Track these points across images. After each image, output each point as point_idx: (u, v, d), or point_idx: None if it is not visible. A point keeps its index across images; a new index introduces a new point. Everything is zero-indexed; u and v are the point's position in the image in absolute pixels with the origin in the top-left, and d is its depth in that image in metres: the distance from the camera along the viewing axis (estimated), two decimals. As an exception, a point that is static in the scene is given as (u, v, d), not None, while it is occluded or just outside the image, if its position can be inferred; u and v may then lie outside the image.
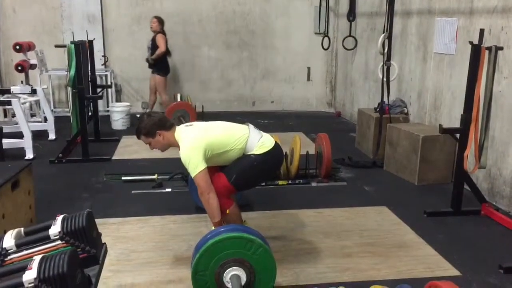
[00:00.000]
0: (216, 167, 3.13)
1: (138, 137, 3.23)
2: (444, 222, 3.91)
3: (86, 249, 1.88)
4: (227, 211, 3.07)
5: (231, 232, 2.66)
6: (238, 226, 2.86)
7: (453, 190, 4.06)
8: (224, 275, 2.61)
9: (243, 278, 2.61)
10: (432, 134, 4.76)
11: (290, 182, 4.75)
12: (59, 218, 1.93)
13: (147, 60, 7.20)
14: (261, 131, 3.22)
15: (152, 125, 3.12)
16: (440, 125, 3.98)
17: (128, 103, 7.64)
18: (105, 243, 2.12)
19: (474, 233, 3.74)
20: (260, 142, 3.11)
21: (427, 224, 3.88)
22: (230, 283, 2.59)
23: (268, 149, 3.11)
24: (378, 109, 5.71)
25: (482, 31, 3.70)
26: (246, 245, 2.61)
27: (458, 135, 3.95)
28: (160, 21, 7.11)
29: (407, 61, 5.84)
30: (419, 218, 3.99)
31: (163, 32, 7.10)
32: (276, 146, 3.19)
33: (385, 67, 5.49)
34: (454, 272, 3.12)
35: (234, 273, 2.61)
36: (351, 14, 7.02)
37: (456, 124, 4.24)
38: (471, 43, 3.73)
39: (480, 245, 3.54)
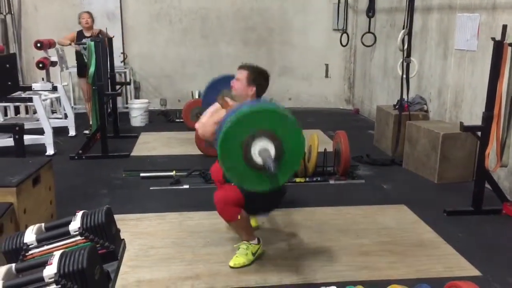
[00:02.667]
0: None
1: (242, 68, 3.17)
2: (465, 221, 3.86)
3: (105, 245, 1.90)
4: (238, 217, 3.01)
5: (270, 107, 2.71)
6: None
7: (474, 188, 4.00)
8: (253, 146, 2.58)
9: (271, 154, 2.59)
10: (452, 132, 4.69)
11: (307, 179, 4.73)
12: (79, 214, 1.95)
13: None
14: None
15: (261, 79, 3.13)
16: (461, 123, 3.92)
17: (146, 100, 7.70)
18: (123, 239, 2.13)
19: (495, 232, 3.68)
20: None
21: (446, 223, 3.83)
22: (257, 155, 2.58)
23: None
24: (397, 106, 5.64)
25: (505, 27, 3.63)
26: (281, 121, 2.62)
27: (479, 133, 3.89)
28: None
29: (427, 58, 5.76)
30: (439, 217, 3.94)
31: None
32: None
33: (405, 64, 5.42)
34: (474, 272, 3.07)
35: (264, 147, 2.59)
36: (370, 10, 6.95)
37: (477, 121, 4.16)
38: (493, 39, 3.66)
39: (501, 244, 3.48)
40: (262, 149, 2.58)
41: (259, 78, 3.13)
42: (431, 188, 4.67)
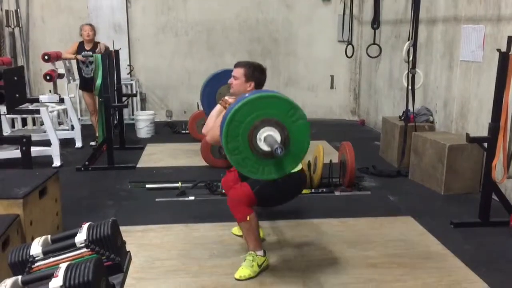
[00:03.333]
0: (239, 178, 3.15)
1: (237, 66, 3.23)
2: (472, 233, 3.83)
3: (111, 257, 1.90)
4: (248, 218, 3.04)
5: (278, 94, 2.70)
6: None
7: (481, 200, 3.97)
8: (260, 131, 2.59)
9: (278, 140, 2.59)
10: (458, 143, 4.67)
11: (313, 191, 4.72)
12: (85, 226, 1.95)
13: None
14: None
15: (258, 74, 3.19)
16: (467, 134, 3.91)
17: (152, 112, 7.73)
18: (129, 251, 2.13)
19: (503, 244, 3.65)
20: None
21: (454, 235, 3.80)
22: (262, 141, 2.58)
23: (293, 172, 3.06)
24: (403, 117, 5.64)
25: (510, 39, 3.62)
26: (290, 111, 2.63)
27: (486, 144, 3.87)
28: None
29: (432, 69, 5.76)
30: (446, 228, 3.91)
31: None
32: (302, 172, 3.22)
33: (410, 75, 5.42)
34: (482, 285, 3.04)
35: (270, 133, 2.58)
36: (375, 22, 6.97)
37: (484, 132, 4.15)
38: (498, 50, 3.66)
39: (509, 257, 3.44)
40: (268, 135, 2.58)
41: (256, 72, 3.19)
42: (438, 199, 4.65)
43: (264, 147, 2.62)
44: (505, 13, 4.39)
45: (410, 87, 5.44)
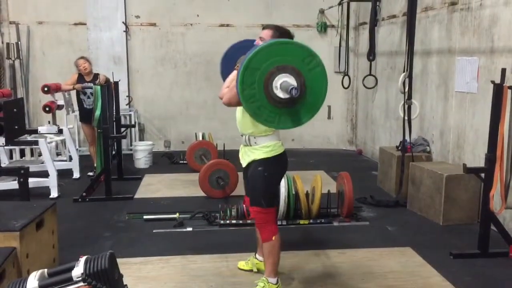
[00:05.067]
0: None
1: (266, 28, 3.08)
2: (471, 264, 3.80)
3: (108, 291, 1.89)
4: (273, 238, 3.09)
5: (295, 41, 2.62)
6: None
7: (480, 231, 3.96)
8: (276, 78, 2.50)
9: (294, 85, 2.50)
10: (456, 173, 4.68)
11: (311, 221, 4.70)
12: (82, 260, 1.95)
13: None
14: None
15: (286, 37, 2.98)
16: (464, 165, 3.93)
17: (150, 142, 7.76)
18: (126, 284, 2.12)
19: (502, 275, 3.62)
20: (279, 143, 3.17)
21: (453, 266, 3.78)
22: (278, 89, 2.49)
23: (276, 154, 3.13)
24: (400, 148, 5.67)
25: (504, 71, 3.69)
26: (306, 58, 2.54)
27: (483, 175, 3.89)
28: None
29: (428, 100, 5.83)
30: (445, 259, 3.89)
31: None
32: (284, 154, 3.23)
33: (406, 106, 5.48)
34: (483, 317, 3.01)
35: (286, 79, 2.49)
36: (371, 54, 7.09)
37: (481, 163, 4.18)
38: (493, 82, 3.72)
39: (509, 288, 3.42)
40: (284, 81, 2.51)
41: (283, 36, 2.97)
42: (437, 230, 4.63)
43: (280, 94, 2.54)
44: (498, 45, 4.48)
45: (406, 118, 5.49)
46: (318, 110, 2.72)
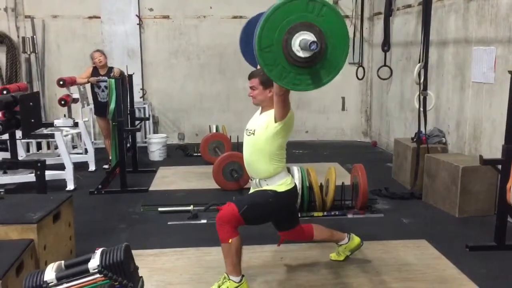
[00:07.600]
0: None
1: (251, 77, 3.23)
2: (487, 257, 3.77)
3: (124, 283, 1.91)
4: (230, 241, 3.02)
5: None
6: None
7: (496, 223, 3.92)
8: (293, 42, 2.40)
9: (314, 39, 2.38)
10: (472, 165, 4.63)
11: (325, 213, 4.69)
12: (98, 252, 1.97)
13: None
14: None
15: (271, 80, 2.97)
16: (481, 156, 3.88)
17: (165, 135, 7.80)
18: (141, 276, 2.14)
19: (520, 268, 3.58)
20: (289, 178, 3.16)
21: (469, 258, 3.75)
22: (300, 51, 2.39)
23: (288, 188, 3.11)
24: (415, 139, 5.62)
25: (521, 60, 3.63)
26: (308, 6, 2.41)
27: (500, 166, 3.84)
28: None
29: (444, 91, 5.76)
30: (461, 252, 3.85)
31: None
32: (291, 191, 3.17)
33: (422, 97, 5.42)
34: (500, 310, 2.98)
35: (303, 37, 2.38)
36: (386, 44, 7.01)
37: (498, 154, 4.12)
38: (510, 72, 3.66)
39: (526, 281, 3.38)
40: (303, 39, 2.39)
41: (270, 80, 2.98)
42: (452, 222, 4.59)
43: (302, 54, 2.42)
44: (516, 34, 4.40)
45: (422, 109, 5.43)
46: (341, 69, 2.64)
